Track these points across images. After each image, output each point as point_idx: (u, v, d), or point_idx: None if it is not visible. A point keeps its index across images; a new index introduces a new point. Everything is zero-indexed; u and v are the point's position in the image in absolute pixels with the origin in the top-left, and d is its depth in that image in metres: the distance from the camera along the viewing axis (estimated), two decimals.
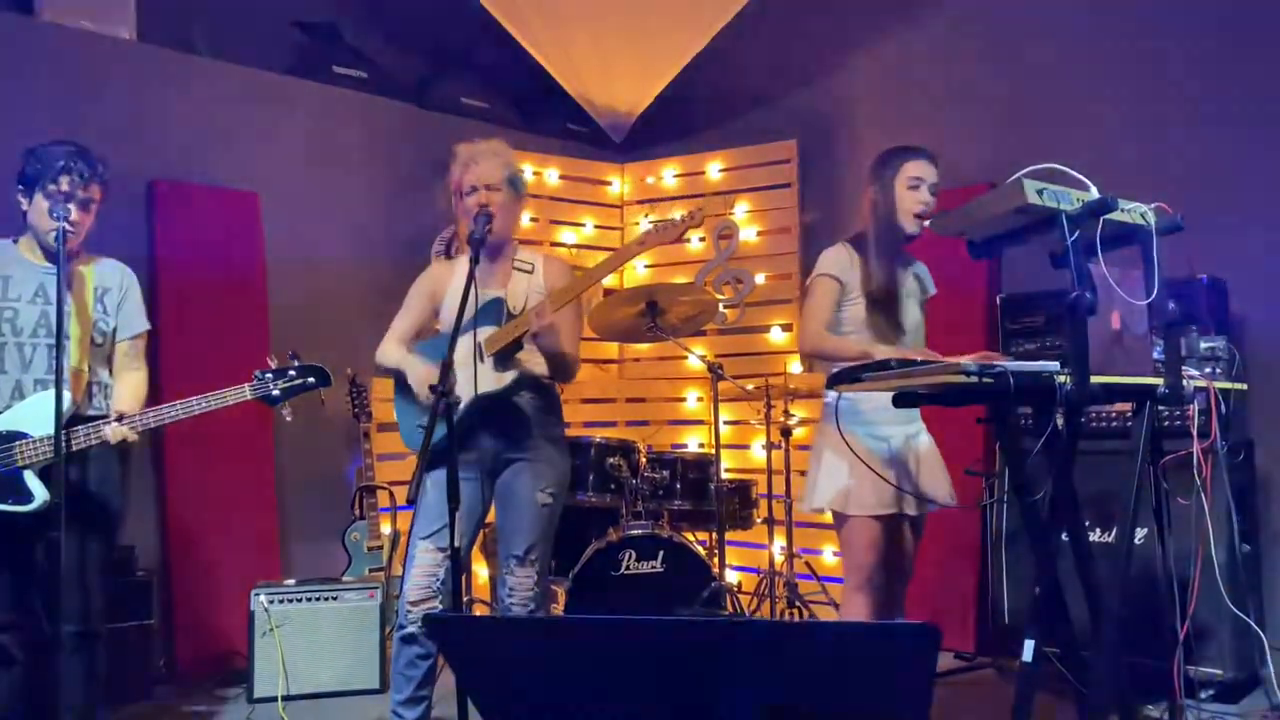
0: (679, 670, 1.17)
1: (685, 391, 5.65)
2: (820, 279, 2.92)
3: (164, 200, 4.44)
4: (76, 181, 2.71)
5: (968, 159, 4.45)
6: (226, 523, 4.43)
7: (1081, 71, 4.43)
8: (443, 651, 1.28)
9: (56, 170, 2.71)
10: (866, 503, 2.82)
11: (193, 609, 4.32)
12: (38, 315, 2.74)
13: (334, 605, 3.98)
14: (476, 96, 5.69)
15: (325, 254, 4.99)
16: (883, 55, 5.20)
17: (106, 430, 2.67)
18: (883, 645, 1.14)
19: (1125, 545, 2.40)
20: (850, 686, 1.17)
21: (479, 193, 2.95)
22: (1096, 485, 3.28)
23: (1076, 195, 2.31)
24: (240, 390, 2.79)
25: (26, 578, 2.79)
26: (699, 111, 5.89)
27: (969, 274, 4.22)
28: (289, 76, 5.01)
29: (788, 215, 5.43)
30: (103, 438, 2.68)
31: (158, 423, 2.73)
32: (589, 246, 5.80)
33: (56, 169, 2.71)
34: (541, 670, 1.25)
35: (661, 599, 3.94)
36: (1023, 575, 3.89)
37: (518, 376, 2.94)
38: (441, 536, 2.89)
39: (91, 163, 2.75)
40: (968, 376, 2.15)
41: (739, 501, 4.52)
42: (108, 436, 2.68)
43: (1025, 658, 2.46)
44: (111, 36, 4.41)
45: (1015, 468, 2.66)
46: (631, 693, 1.21)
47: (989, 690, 3.78)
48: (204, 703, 3.93)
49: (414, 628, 2.89)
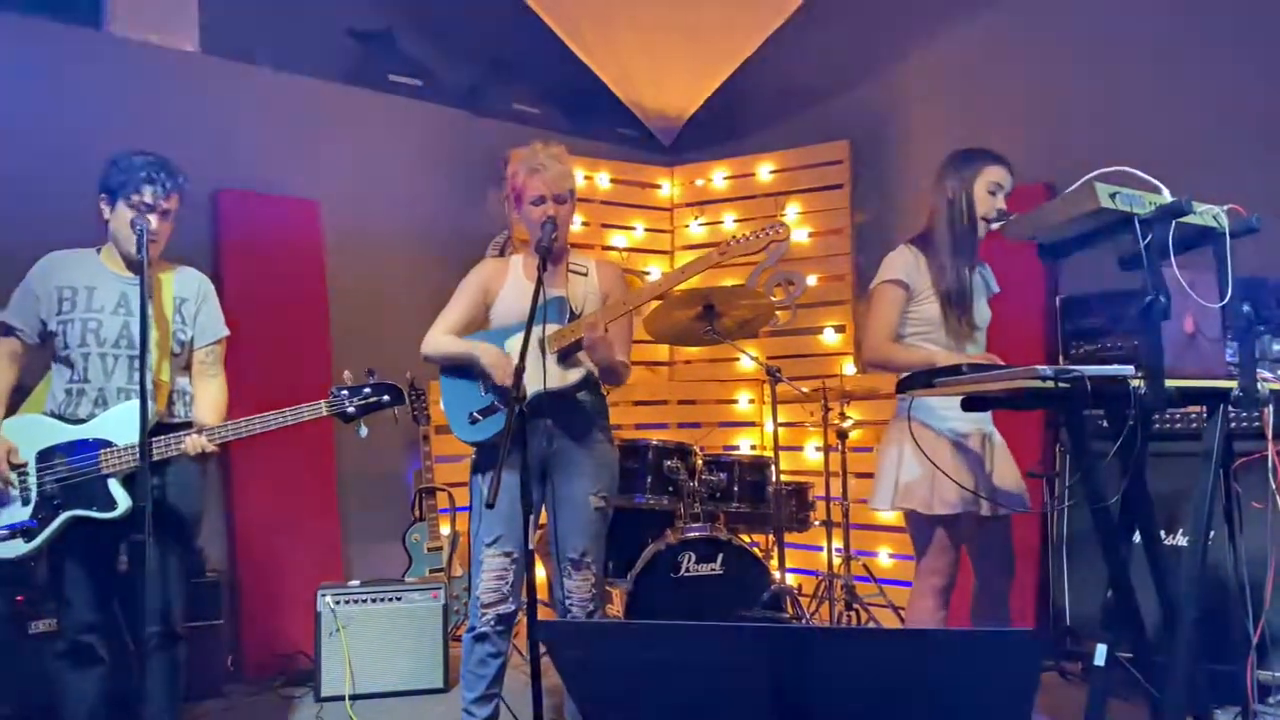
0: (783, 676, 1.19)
1: (737, 393, 5.66)
2: (884, 286, 2.91)
3: (228, 209, 4.54)
4: (159, 193, 2.77)
5: (1021, 158, 4.38)
6: (291, 525, 4.51)
7: (1141, 68, 4.38)
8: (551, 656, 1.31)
9: (139, 180, 2.76)
10: (946, 501, 2.80)
11: (259, 609, 4.41)
12: (120, 326, 2.81)
13: (398, 606, 4.04)
14: (527, 102, 5.76)
15: (382, 259, 5.08)
16: (935, 54, 5.17)
17: (186, 442, 2.74)
18: (988, 652, 1.15)
19: (1199, 549, 2.38)
20: (954, 693, 1.19)
21: (547, 204, 2.97)
22: (1166, 487, 3.24)
23: (1149, 198, 2.30)
24: (316, 406, 2.85)
25: (109, 581, 2.87)
26: (749, 113, 5.89)
27: (1028, 274, 4.19)
28: (346, 85, 5.10)
29: (840, 216, 5.42)
30: (182, 449, 2.75)
31: (235, 436, 2.79)
32: (639, 250, 5.84)
33: (139, 179, 2.76)
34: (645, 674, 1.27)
35: (721, 601, 3.96)
36: (1085, 578, 3.87)
37: (584, 374, 2.97)
38: (506, 541, 2.94)
39: (173, 174, 2.82)
40: (1043, 381, 2.15)
41: (796, 504, 4.52)
42: (187, 448, 2.74)
43: (1098, 661, 2.46)
44: (176, 49, 4.52)
45: (1087, 472, 2.65)
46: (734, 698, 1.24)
47: (1052, 694, 3.74)
48: (272, 701, 4.02)
49: (486, 627, 2.94)
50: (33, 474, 2.74)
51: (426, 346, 3.07)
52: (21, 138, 4.02)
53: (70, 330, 2.79)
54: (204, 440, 2.75)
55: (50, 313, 2.81)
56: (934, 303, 2.87)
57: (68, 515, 2.73)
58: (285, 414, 2.82)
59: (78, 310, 2.80)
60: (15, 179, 3.97)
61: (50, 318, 2.81)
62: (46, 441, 2.75)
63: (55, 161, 3.89)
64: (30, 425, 2.79)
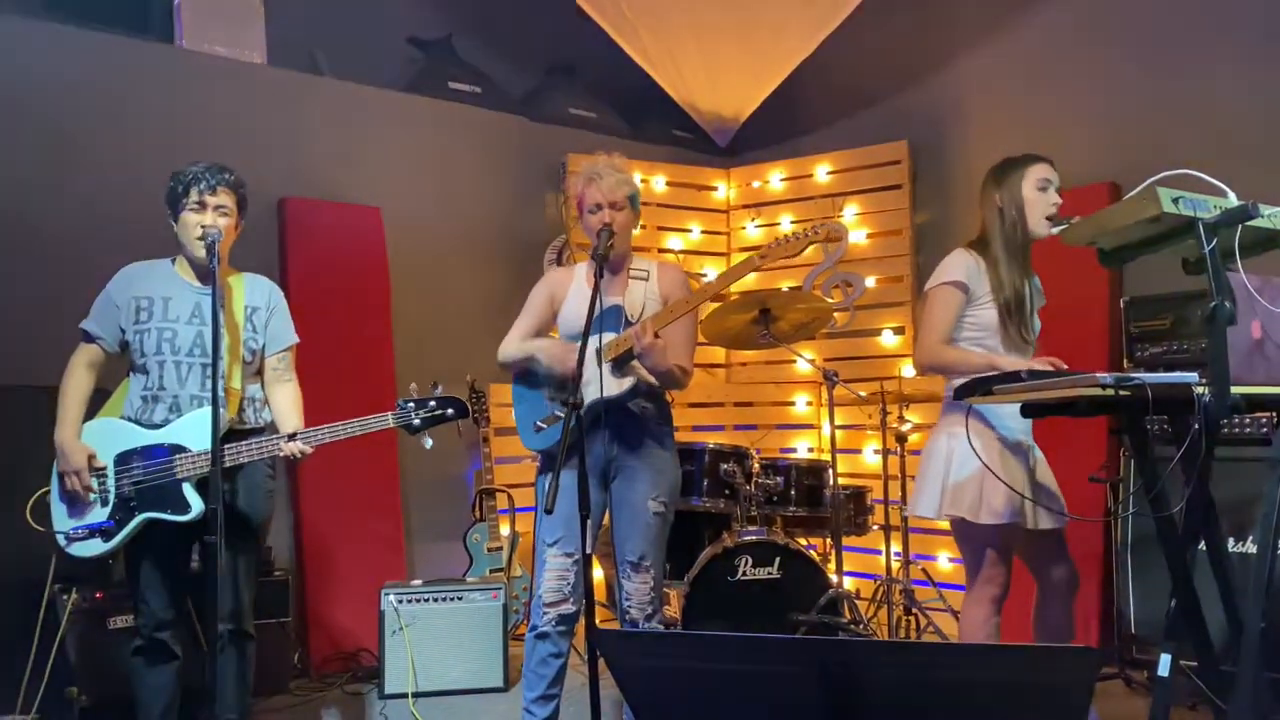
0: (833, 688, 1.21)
1: (794, 396, 5.65)
2: (942, 288, 2.88)
3: (294, 217, 4.65)
4: (205, 190, 2.88)
5: (1084, 158, 4.35)
6: (355, 526, 4.61)
7: (1204, 67, 4.28)
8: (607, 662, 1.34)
9: (187, 185, 2.89)
10: (994, 509, 2.77)
11: (325, 608, 4.51)
12: (194, 335, 2.91)
13: (459, 605, 4.11)
14: (584, 106, 5.81)
15: (443, 263, 5.16)
16: (995, 52, 5.11)
17: (283, 446, 2.85)
18: (1044, 668, 1.15)
19: (1268, 557, 2.34)
20: (1005, 709, 1.20)
21: (603, 211, 3.01)
22: (1234, 493, 3.18)
23: (1214, 202, 2.26)
24: (384, 418, 2.93)
25: (182, 581, 2.98)
26: (806, 113, 5.88)
27: (1091, 274, 4.13)
28: (408, 93, 5.20)
29: (899, 217, 5.39)
30: (279, 452, 2.86)
31: (321, 441, 2.89)
32: (696, 252, 5.85)
33: (187, 185, 2.89)
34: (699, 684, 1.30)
35: (778, 605, 3.96)
36: (1150, 584, 3.80)
37: (635, 383, 3.00)
38: (567, 543, 2.99)
39: (219, 171, 2.92)
40: (1104, 389, 2.13)
41: (854, 508, 4.51)
42: (286, 452, 2.85)
43: (1161, 671, 2.42)
44: (244, 61, 4.64)
45: (1150, 479, 2.61)
46: (786, 709, 1.26)
47: (1117, 702, 3.69)
48: (338, 698, 4.11)
49: (548, 627, 2.99)
50: (111, 477, 2.85)
51: (501, 354, 3.19)
52: (97, 153, 4.17)
53: (146, 339, 2.89)
54: (300, 445, 2.86)
55: (129, 322, 2.92)
56: (992, 308, 2.85)
57: (143, 517, 2.83)
58: (354, 424, 2.91)
59: (154, 320, 2.91)
60: (93, 193, 4.11)
61: (129, 327, 2.92)
62: (124, 446, 2.86)
63: (131, 174, 4.02)
64: (109, 429, 2.90)
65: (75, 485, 2.83)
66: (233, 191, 2.95)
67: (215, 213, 2.90)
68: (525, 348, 3.12)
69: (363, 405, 3.10)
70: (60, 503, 2.88)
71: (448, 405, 2.98)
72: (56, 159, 4.09)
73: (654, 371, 2.98)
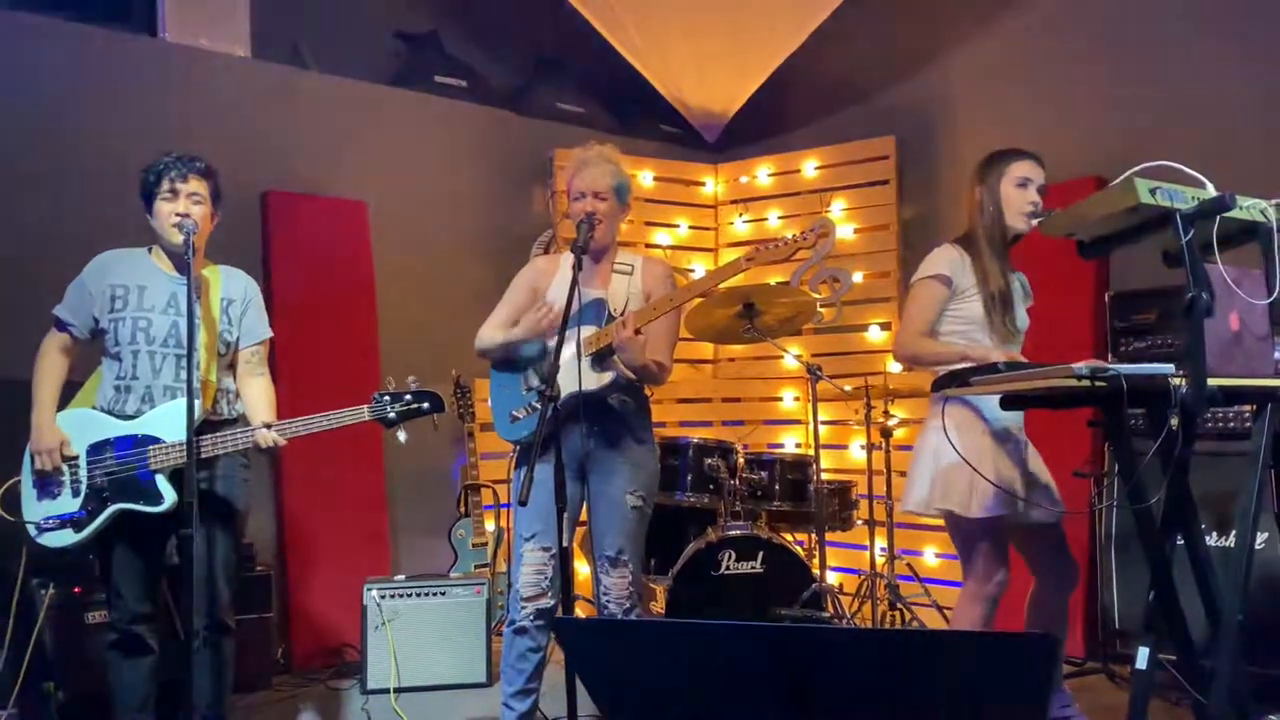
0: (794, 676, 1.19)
1: (781, 391, 5.64)
2: (926, 282, 2.89)
3: (278, 210, 4.62)
4: (176, 178, 2.87)
5: (1071, 153, 4.34)
6: (338, 520, 4.59)
7: (1189, 62, 4.28)
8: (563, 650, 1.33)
9: (158, 175, 2.89)
10: (985, 501, 2.75)
11: (307, 603, 4.50)
12: (169, 325, 2.89)
13: (442, 600, 4.09)
14: (571, 100, 5.78)
15: (429, 258, 5.14)
16: (982, 48, 5.10)
17: (257, 436, 2.83)
18: (1000, 655, 1.14)
19: (1245, 551, 2.33)
20: (967, 695, 1.18)
21: (586, 199, 3.00)
22: (1214, 487, 3.18)
23: (1191, 193, 2.25)
24: (359, 411, 2.92)
25: (158, 574, 2.97)
26: (794, 109, 5.87)
27: (1077, 269, 4.13)
28: (393, 87, 5.17)
29: (886, 212, 5.38)
30: (254, 443, 2.83)
31: (295, 434, 2.86)
32: (683, 247, 5.84)
33: (158, 173, 2.89)
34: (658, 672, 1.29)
35: (761, 599, 3.96)
36: (1133, 578, 3.80)
37: (614, 378, 2.99)
38: (544, 537, 2.97)
39: (186, 160, 2.91)
40: (1079, 380, 2.12)
41: (839, 503, 4.50)
42: (260, 442, 2.83)
43: (1140, 665, 2.41)
44: (227, 54, 4.61)
45: (1127, 472, 2.61)
46: (747, 697, 1.24)
47: (1099, 696, 3.69)
48: (320, 693, 4.09)
49: (525, 621, 2.98)
50: (84, 467, 2.83)
51: (479, 341, 3.15)
52: (77, 143, 4.14)
53: (121, 328, 2.87)
54: (274, 435, 2.83)
55: (103, 310, 2.90)
56: (978, 302, 2.85)
57: (115, 508, 2.81)
58: (329, 417, 2.89)
59: (129, 309, 2.89)
60: (70, 183, 4.09)
61: (102, 315, 2.90)
62: (97, 436, 2.84)
63: (113, 167, 3.99)
64: (82, 419, 2.89)
65: (46, 465, 2.80)
66: (204, 179, 2.93)
67: (189, 200, 2.88)
68: (504, 336, 3.08)
69: (346, 400, 3.07)
70: (32, 489, 2.86)
71: (423, 399, 2.96)
72: (37, 151, 4.06)
73: (630, 366, 2.96)
